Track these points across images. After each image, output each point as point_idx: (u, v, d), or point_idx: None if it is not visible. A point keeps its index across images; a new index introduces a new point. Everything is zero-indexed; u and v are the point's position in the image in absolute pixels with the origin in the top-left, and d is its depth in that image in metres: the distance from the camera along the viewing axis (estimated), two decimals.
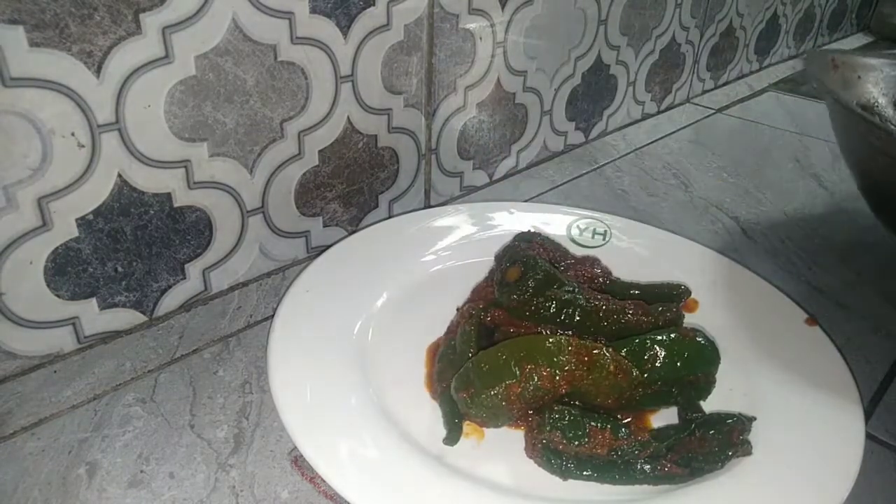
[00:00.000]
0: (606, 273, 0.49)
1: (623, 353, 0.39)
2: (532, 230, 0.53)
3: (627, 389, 0.37)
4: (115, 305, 0.45)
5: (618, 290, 0.47)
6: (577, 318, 0.42)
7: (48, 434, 0.38)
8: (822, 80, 0.56)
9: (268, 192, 0.50)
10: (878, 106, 0.64)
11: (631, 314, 0.42)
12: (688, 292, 0.47)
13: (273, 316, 0.44)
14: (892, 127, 0.62)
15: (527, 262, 0.44)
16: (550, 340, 0.37)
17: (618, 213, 0.60)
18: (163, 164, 0.43)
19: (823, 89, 0.54)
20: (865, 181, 0.55)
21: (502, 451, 0.37)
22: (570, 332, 0.41)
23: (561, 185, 0.69)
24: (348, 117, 0.52)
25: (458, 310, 0.47)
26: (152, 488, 0.35)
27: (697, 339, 0.40)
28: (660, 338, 0.40)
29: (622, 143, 0.80)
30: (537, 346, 0.37)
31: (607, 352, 0.37)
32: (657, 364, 0.39)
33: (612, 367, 0.37)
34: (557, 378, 0.36)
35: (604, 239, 0.56)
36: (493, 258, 0.51)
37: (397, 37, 0.53)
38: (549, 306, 0.42)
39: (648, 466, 0.36)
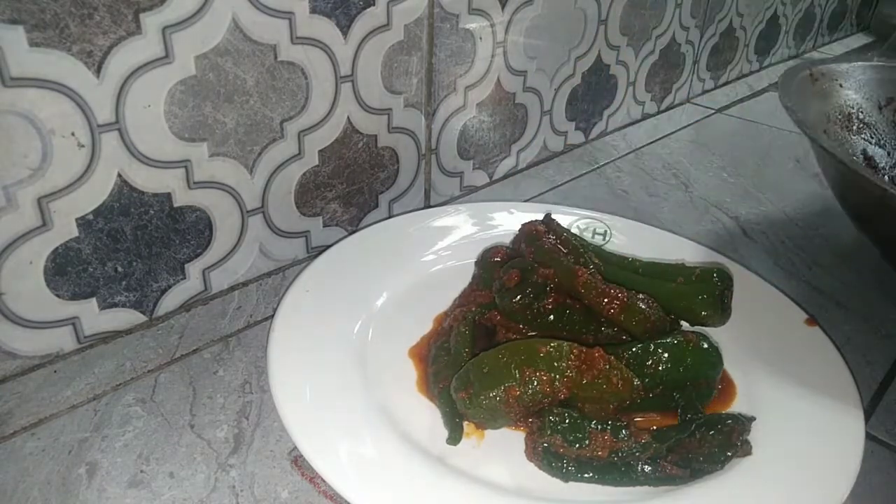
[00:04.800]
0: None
1: (626, 358, 0.39)
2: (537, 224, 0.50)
3: (627, 397, 0.37)
4: (115, 305, 0.45)
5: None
6: (577, 324, 0.42)
7: (48, 434, 0.38)
8: (803, 122, 0.52)
9: (268, 192, 0.50)
10: (862, 112, 0.64)
11: (636, 322, 0.41)
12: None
13: (273, 316, 0.44)
14: (887, 181, 0.60)
15: (525, 267, 0.44)
16: (552, 345, 0.37)
17: (618, 213, 0.60)
18: (163, 164, 0.43)
19: (810, 134, 0.51)
20: (864, 225, 0.54)
21: (502, 451, 0.37)
22: (569, 338, 0.41)
23: (561, 185, 0.69)
24: (348, 117, 0.52)
25: (445, 314, 0.47)
26: (152, 488, 0.35)
27: (701, 343, 0.40)
28: (663, 343, 0.40)
29: (622, 143, 0.80)
30: (538, 351, 0.37)
31: (609, 359, 0.37)
32: (660, 369, 0.39)
33: (612, 376, 0.37)
34: (557, 384, 0.36)
35: (604, 239, 0.56)
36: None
37: (397, 37, 0.53)
38: (549, 311, 0.42)
39: (649, 468, 0.36)
